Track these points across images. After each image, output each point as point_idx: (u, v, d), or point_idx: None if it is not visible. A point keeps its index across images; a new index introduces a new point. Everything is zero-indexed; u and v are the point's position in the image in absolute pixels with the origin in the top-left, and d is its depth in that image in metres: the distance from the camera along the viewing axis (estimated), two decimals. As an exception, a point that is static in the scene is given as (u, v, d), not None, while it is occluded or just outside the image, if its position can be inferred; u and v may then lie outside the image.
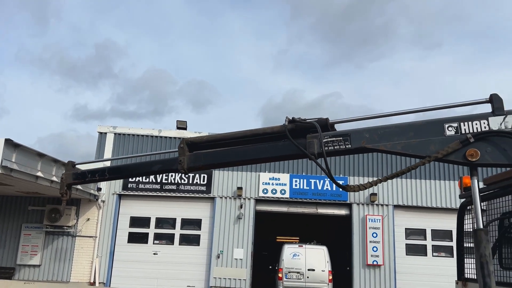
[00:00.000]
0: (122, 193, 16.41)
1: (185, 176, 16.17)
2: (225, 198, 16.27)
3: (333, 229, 21.76)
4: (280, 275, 14.36)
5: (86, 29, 77.62)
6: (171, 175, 16.33)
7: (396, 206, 16.24)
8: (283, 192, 16.23)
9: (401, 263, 15.73)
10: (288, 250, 14.71)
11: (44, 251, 15.63)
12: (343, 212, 16.47)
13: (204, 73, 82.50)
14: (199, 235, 16.21)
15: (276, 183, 16.30)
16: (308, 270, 14.34)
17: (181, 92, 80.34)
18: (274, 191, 16.24)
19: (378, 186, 15.97)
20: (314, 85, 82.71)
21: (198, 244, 16.11)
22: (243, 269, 15.58)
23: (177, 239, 16.20)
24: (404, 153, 2.95)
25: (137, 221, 16.40)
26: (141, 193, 16.38)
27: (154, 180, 16.41)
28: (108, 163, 11.75)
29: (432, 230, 16.08)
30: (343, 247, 18.07)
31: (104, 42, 74.02)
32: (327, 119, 3.26)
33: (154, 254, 15.98)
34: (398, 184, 16.25)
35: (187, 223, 16.36)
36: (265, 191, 16.24)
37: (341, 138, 3.12)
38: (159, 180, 16.41)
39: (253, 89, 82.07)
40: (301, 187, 16.27)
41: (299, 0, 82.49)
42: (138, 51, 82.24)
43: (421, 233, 16.18)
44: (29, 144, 11.01)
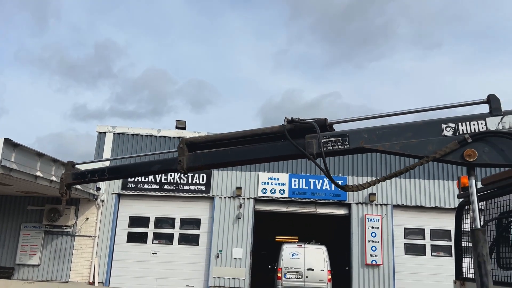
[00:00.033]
0: (121, 193, 16.41)
1: (184, 176, 16.17)
2: (224, 198, 16.28)
3: (332, 229, 21.80)
4: (279, 275, 14.38)
5: (86, 29, 77.60)
6: (170, 175, 16.33)
7: (395, 206, 16.26)
8: (282, 192, 16.25)
9: (400, 263, 15.76)
10: (287, 250, 14.73)
11: (43, 251, 15.63)
12: (342, 212, 16.49)
13: (204, 73, 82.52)
14: (198, 235, 16.22)
15: (275, 183, 16.32)
16: (307, 270, 14.36)
17: (181, 92, 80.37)
18: (273, 191, 16.26)
19: (377, 186, 16.00)
20: (314, 85, 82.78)
21: (197, 244, 16.12)
22: (242, 269, 15.60)
23: (176, 239, 16.21)
24: (403, 153, 2.97)
25: (136, 221, 16.40)
26: (140, 193, 16.39)
27: (153, 180, 16.41)
28: (108, 163, 11.76)
29: (431, 230, 16.11)
30: (342, 247, 18.11)
31: (104, 42, 74.04)
32: (326, 120, 3.28)
33: (153, 254, 15.99)
34: (397, 184, 16.28)
35: (186, 223, 16.37)
36: (264, 191, 16.25)
37: (340, 139, 3.13)
38: (158, 180, 16.41)
39: (253, 89, 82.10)
40: (300, 187, 16.29)
41: (299, 0, 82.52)
42: (138, 51, 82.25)
43: (420, 233, 16.21)
44: (28, 144, 11.02)
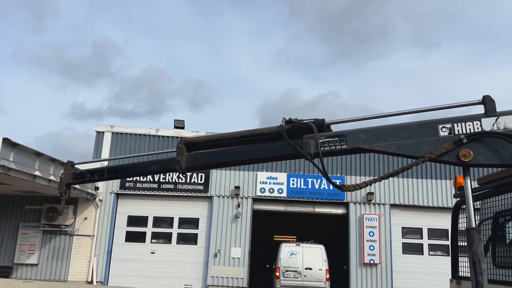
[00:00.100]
0: (120, 192, 16.42)
1: (183, 176, 16.18)
2: (223, 197, 16.31)
3: (330, 228, 21.85)
4: (278, 274, 14.42)
5: (84, 28, 77.46)
6: (169, 175, 16.34)
7: (393, 205, 16.32)
8: (281, 191, 16.28)
9: (398, 262, 15.82)
10: (286, 249, 14.77)
11: (42, 250, 15.63)
12: (340, 211, 16.54)
13: (202, 72, 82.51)
14: (197, 234, 16.25)
15: (274, 182, 16.36)
16: (306, 269, 14.40)
17: (179, 91, 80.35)
18: (272, 190, 16.29)
19: (375, 186, 16.06)
20: (312, 84, 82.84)
21: (196, 243, 16.15)
22: (241, 268, 15.63)
23: (175, 238, 16.23)
24: (399, 154, 3.00)
25: (135, 220, 16.42)
26: (139, 192, 16.40)
27: (152, 179, 16.43)
28: (107, 163, 11.78)
29: (429, 229, 16.17)
30: (340, 246, 18.16)
31: (102, 41, 73.94)
32: (323, 120, 3.31)
33: (152, 253, 16.01)
34: (395, 183, 16.33)
35: (185, 222, 16.39)
36: (263, 190, 16.29)
37: (337, 139, 3.16)
38: (157, 179, 16.43)
39: (251, 88, 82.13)
40: (298, 186, 16.33)
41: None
42: (136, 50, 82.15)
43: (418, 232, 16.28)
44: (26, 143, 11.03)
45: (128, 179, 16.27)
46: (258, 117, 72.24)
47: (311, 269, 14.40)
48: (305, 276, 14.33)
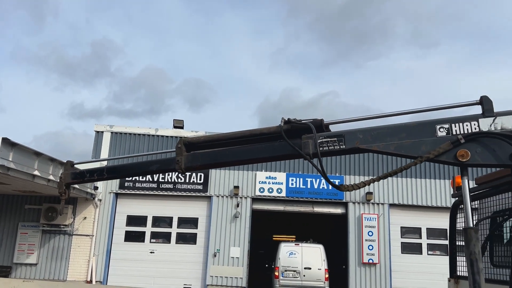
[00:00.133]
0: (119, 192, 16.43)
1: (182, 175, 16.19)
2: (222, 197, 16.32)
3: (329, 228, 21.86)
4: (277, 274, 14.43)
5: (83, 27, 77.40)
6: (168, 174, 16.35)
7: (392, 205, 16.34)
8: (280, 191, 16.30)
9: (397, 262, 15.85)
10: (285, 249, 14.79)
11: (41, 250, 15.63)
12: (339, 211, 16.56)
13: (201, 72, 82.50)
14: (196, 234, 16.26)
15: (273, 182, 16.37)
16: (305, 269, 14.42)
17: (178, 91, 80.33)
18: (271, 190, 16.31)
19: (374, 185, 16.08)
20: (311, 84, 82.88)
21: (195, 243, 16.16)
22: (240, 268, 15.64)
23: (174, 238, 16.24)
24: (397, 154, 3.02)
25: (134, 220, 16.43)
26: (138, 192, 16.40)
27: (151, 179, 16.43)
28: (106, 163, 11.78)
29: (427, 229, 16.20)
30: (339, 246, 18.18)
31: (101, 41, 73.88)
32: (322, 120, 3.33)
33: (151, 253, 16.02)
34: (394, 183, 16.36)
35: (184, 222, 16.40)
36: (262, 190, 16.30)
37: (336, 139, 3.18)
38: (156, 179, 16.43)
39: (250, 88, 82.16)
40: (298, 186, 16.34)
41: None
42: (135, 50, 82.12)
43: (417, 232, 16.31)
44: (25, 143, 11.06)
45: (127, 179, 16.27)
46: (257, 117, 72.30)
47: (310, 269, 14.42)
48: (304, 276, 14.35)
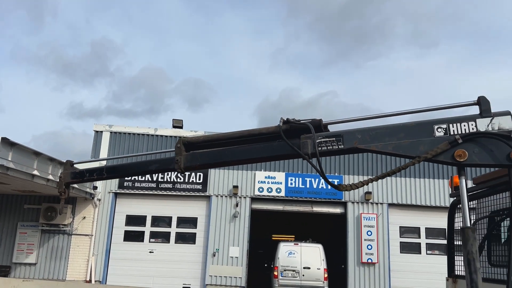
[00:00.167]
0: (118, 192, 16.43)
1: (181, 175, 16.20)
2: (221, 197, 16.33)
3: (328, 228, 21.89)
4: (276, 273, 14.45)
5: (82, 27, 77.35)
6: (167, 174, 16.36)
7: (391, 205, 16.37)
8: (279, 191, 16.32)
9: (396, 261, 15.88)
10: (284, 248, 14.80)
11: (40, 250, 15.63)
12: (338, 211, 16.58)
13: (201, 72, 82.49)
14: (195, 234, 16.28)
15: (272, 182, 16.39)
16: (304, 268, 14.44)
17: (178, 91, 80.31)
18: (270, 190, 16.32)
19: (373, 185, 16.11)
20: (311, 84, 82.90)
21: (194, 243, 16.17)
22: (239, 267, 15.66)
23: (173, 238, 16.25)
24: (395, 154, 3.04)
25: (133, 220, 16.43)
26: (137, 192, 16.41)
27: (150, 179, 16.44)
28: (106, 162, 11.79)
29: (426, 228, 16.23)
30: (338, 245, 18.20)
31: (100, 40, 73.81)
32: (321, 120, 3.35)
33: (150, 252, 16.03)
34: (393, 183, 16.38)
35: (183, 222, 16.42)
36: (261, 190, 16.32)
37: (334, 139, 3.20)
38: (155, 179, 16.44)
39: (250, 88, 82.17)
40: (297, 186, 16.36)
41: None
42: (135, 49, 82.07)
43: (415, 231, 16.33)
44: (24, 142, 11.01)
45: (127, 179, 16.29)
46: (257, 117, 72.31)
47: (309, 269, 14.44)
48: (303, 276, 14.37)
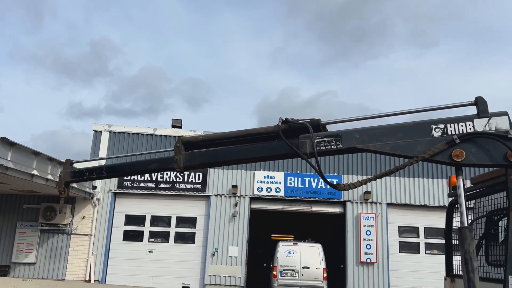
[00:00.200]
0: (117, 191, 16.44)
1: (180, 175, 16.22)
2: (220, 196, 16.35)
3: (328, 227, 21.90)
4: (275, 273, 14.47)
5: (81, 27, 77.30)
6: (167, 174, 16.37)
7: (390, 204, 16.39)
8: (278, 190, 16.33)
9: (395, 261, 15.90)
10: (283, 248, 14.82)
11: (39, 249, 15.63)
12: (337, 210, 16.60)
13: (200, 71, 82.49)
14: (194, 233, 16.29)
15: (271, 181, 16.40)
16: (303, 268, 14.46)
17: (177, 90, 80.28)
18: (269, 189, 16.34)
19: (372, 185, 16.13)
20: (310, 83, 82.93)
21: (193, 242, 16.18)
22: (238, 267, 15.68)
23: (172, 237, 16.26)
24: (393, 153, 3.06)
25: (132, 219, 16.44)
26: (136, 191, 16.41)
27: (149, 179, 16.45)
28: (105, 162, 11.79)
29: (425, 228, 16.26)
30: (337, 245, 18.22)
31: (99, 40, 73.76)
32: (319, 120, 3.37)
33: (149, 252, 16.04)
34: (392, 182, 16.41)
35: (182, 221, 16.43)
36: (260, 189, 16.33)
37: (333, 139, 3.22)
38: (154, 179, 16.45)
39: (249, 87, 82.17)
40: (296, 185, 16.38)
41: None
42: (134, 49, 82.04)
43: (414, 231, 16.36)
44: (23, 142, 11.03)
45: (126, 178, 16.29)
46: (256, 116, 72.31)
47: (309, 268, 14.46)
48: (303, 275, 14.39)
